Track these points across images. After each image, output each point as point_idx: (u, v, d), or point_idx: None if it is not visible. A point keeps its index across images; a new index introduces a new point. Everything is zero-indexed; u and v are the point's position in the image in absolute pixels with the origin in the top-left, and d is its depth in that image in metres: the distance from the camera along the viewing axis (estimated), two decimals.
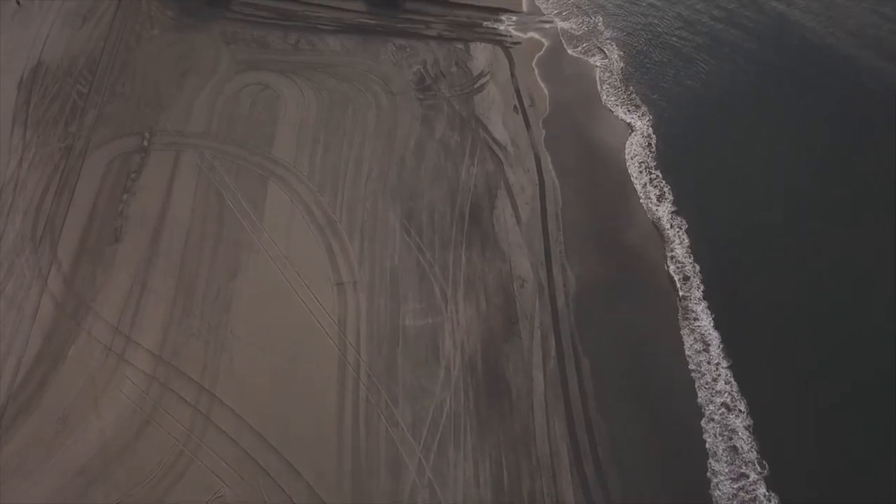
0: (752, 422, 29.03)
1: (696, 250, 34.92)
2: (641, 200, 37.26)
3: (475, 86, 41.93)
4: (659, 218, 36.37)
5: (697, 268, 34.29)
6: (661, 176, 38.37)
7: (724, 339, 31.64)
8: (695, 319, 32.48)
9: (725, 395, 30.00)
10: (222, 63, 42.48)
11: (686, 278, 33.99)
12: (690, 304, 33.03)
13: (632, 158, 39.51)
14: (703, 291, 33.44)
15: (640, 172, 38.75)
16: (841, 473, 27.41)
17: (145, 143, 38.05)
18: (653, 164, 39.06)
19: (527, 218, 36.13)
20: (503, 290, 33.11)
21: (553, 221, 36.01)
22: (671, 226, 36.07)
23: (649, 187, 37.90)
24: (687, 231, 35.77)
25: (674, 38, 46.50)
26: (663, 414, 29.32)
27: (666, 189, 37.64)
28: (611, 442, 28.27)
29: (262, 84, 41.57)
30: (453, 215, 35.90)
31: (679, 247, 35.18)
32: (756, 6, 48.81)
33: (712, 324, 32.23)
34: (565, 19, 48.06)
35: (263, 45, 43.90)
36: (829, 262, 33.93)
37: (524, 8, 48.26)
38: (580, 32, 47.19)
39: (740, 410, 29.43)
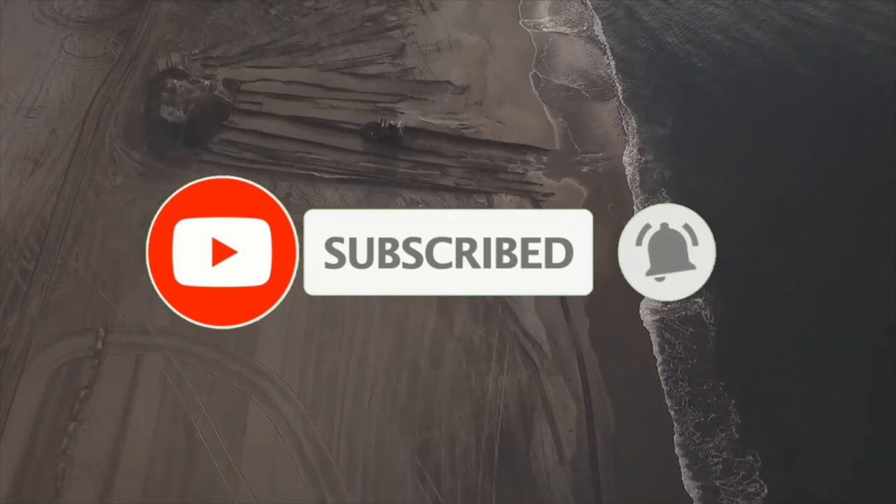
0: None
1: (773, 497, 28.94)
2: (687, 437, 30.73)
3: None
4: (722, 446, 30.09)
5: None
6: (722, 388, 31.71)
7: None
8: None
9: None
10: None
11: None
12: None
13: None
14: None
15: (690, 371, 32.37)
16: None
17: (99, 345, 31.07)
18: (711, 367, 32.42)
19: (572, 453, 29.40)
20: None
21: (605, 459, 29.28)
22: (739, 460, 29.71)
23: (697, 398, 31.53)
24: (760, 471, 29.40)
25: (742, 184, 38.65)
26: None
27: (731, 407, 31.05)
28: None
29: None
30: (479, 450, 29.15)
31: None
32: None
33: None
34: (609, 157, 39.85)
35: None
36: None
37: (556, 145, 40.35)
38: (627, 176, 39.03)
39: None
